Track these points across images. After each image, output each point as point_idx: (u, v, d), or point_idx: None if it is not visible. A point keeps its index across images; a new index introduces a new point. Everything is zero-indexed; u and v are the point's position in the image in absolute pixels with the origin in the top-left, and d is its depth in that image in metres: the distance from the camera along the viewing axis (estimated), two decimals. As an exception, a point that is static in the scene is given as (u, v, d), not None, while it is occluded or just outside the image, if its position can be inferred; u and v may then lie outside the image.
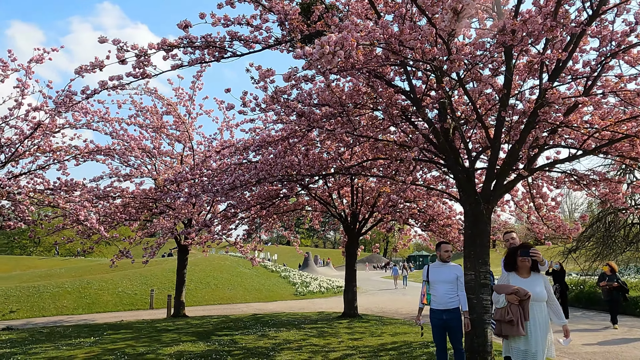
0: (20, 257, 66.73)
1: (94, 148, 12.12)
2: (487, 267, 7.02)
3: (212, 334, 10.71)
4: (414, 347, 8.92)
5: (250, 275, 27.54)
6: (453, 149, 7.37)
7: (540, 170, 7.65)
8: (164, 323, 13.29)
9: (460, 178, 7.24)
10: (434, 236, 15.49)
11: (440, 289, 5.85)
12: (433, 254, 78.28)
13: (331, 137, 8.56)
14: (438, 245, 6.13)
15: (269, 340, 9.70)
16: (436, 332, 5.93)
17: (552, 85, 6.44)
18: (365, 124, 7.68)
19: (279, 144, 9.28)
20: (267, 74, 5.67)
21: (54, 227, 15.27)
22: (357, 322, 12.69)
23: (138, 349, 8.64)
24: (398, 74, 7.85)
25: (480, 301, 6.87)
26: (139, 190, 13.77)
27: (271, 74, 5.68)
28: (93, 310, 19.45)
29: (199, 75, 14.25)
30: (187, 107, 14.60)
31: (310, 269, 47.49)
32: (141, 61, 6.25)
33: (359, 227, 14.00)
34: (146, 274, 24.69)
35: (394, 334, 10.55)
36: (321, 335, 10.31)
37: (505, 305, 4.76)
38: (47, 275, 31.96)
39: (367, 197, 13.73)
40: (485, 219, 7.08)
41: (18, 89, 11.67)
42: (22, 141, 12.11)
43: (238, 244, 14.75)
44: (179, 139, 14.89)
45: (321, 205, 14.25)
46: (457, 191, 7.68)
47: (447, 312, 5.84)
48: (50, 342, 9.66)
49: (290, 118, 8.05)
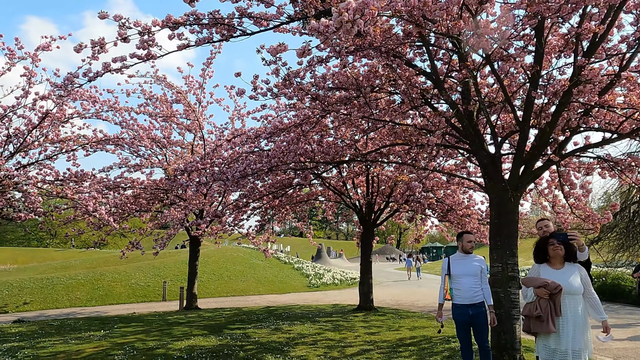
0: (37, 249, 67.76)
1: (102, 137, 11.84)
2: (515, 259, 6.57)
3: (225, 327, 10.43)
4: (434, 342, 8.52)
5: (263, 267, 27.32)
6: (478, 133, 6.90)
7: (571, 155, 7.14)
8: (176, 316, 13.07)
9: (486, 164, 6.77)
10: (452, 227, 15.04)
11: (464, 283, 5.42)
12: (447, 245, 77.61)
13: (346, 123, 8.13)
14: (460, 235, 5.68)
15: (283, 334, 9.38)
16: (461, 328, 5.50)
17: (588, 61, 5.92)
18: (382, 107, 7.23)
19: (291, 131, 8.89)
20: (278, 49, 5.26)
21: (65, 218, 15.12)
22: (373, 315, 12.32)
23: (148, 343, 8.37)
24: (418, 54, 7.38)
25: (507, 295, 6.43)
26: (149, 180, 13.50)
27: (283, 49, 5.26)
28: (106, 302, 19.38)
29: (209, 62, 13.89)
30: (198, 95, 14.26)
31: (323, 261, 47.24)
32: (145, 40, 5.87)
33: (375, 218, 13.58)
34: (159, 265, 24.61)
35: (412, 328, 10.16)
36: (336, 329, 9.96)
37: (534, 300, 4.32)
38: (62, 267, 32.17)
39: (382, 187, 13.28)
40: (513, 207, 6.62)
41: (25, 77, 11.42)
42: (30, 131, 11.89)
43: (250, 235, 14.44)
44: (189, 128, 14.56)
45: (335, 195, 13.85)
46: (482, 178, 7.20)
47: (473, 307, 5.41)
48: (60, 335, 9.46)
49: (304, 103, 7.62)
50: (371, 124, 7.65)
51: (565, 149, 6.97)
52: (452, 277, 5.48)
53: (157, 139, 14.14)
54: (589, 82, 5.66)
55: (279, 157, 7.93)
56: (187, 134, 15.52)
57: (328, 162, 8.10)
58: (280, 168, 8.06)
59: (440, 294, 5.57)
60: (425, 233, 16.49)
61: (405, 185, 8.96)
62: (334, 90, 7.54)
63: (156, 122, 14.57)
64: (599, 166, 8.00)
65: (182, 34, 6.12)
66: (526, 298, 4.42)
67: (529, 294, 4.38)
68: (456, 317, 5.48)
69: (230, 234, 14.80)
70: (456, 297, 5.48)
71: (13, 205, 12.81)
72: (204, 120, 15.15)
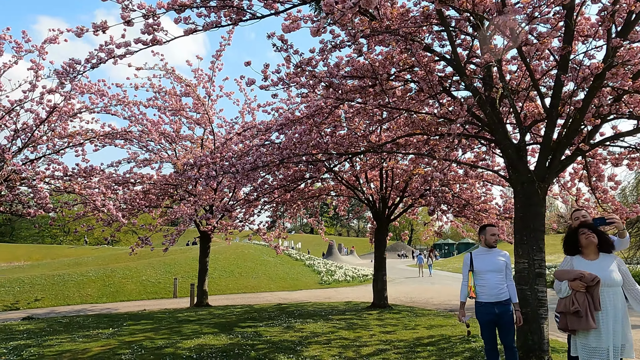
0: (51, 246, 68.49)
1: (109, 131, 11.61)
2: (542, 255, 6.18)
3: (235, 325, 10.16)
4: (453, 341, 8.15)
5: (274, 264, 27.09)
6: (501, 122, 6.51)
7: (600, 144, 6.71)
8: (186, 313, 12.84)
9: (510, 154, 6.38)
10: (468, 222, 14.63)
11: (490, 279, 5.04)
12: (459, 242, 76.81)
13: (361, 113, 7.77)
14: (482, 228, 5.29)
15: (295, 332, 9.08)
16: (486, 328, 5.12)
17: (622, 42, 5.49)
18: (399, 96, 6.85)
19: (303, 123, 8.56)
20: (291, 26, 4.92)
21: (74, 214, 14.98)
22: (388, 313, 11.97)
23: (156, 341, 8.12)
24: (437, 38, 7.00)
25: (534, 293, 6.05)
26: (159, 175, 13.26)
27: (296, 27, 4.92)
28: (117, 299, 19.26)
29: (218, 55, 13.59)
30: (207, 88, 13.98)
31: (334, 258, 46.97)
32: (150, 25, 5.57)
33: (389, 213, 13.21)
34: (170, 262, 24.49)
35: (429, 326, 9.79)
36: (350, 328, 9.64)
37: (570, 294, 3.93)
38: (75, 264, 32.27)
39: (397, 181, 12.89)
40: (540, 199, 6.22)
41: (32, 70, 11.23)
42: (38, 125, 11.71)
43: (261, 232, 14.17)
44: (198, 122, 14.30)
45: (348, 190, 13.50)
46: (505, 170, 6.80)
47: (499, 305, 5.04)
48: (68, 333, 9.26)
49: (316, 92, 7.27)
50: (387, 114, 7.28)
51: (594, 138, 6.54)
52: (475, 273, 5.11)
53: (166, 133, 13.91)
54: (626, 64, 5.24)
55: (290, 149, 7.60)
56: (197, 128, 15.29)
57: (342, 153, 7.74)
58: (292, 160, 7.73)
59: (462, 291, 5.18)
60: (441, 229, 16.09)
61: (421, 178, 8.59)
62: (348, 78, 7.20)
63: (165, 117, 14.35)
64: (628, 157, 7.56)
65: (188, 17, 5.82)
66: (560, 293, 4.04)
67: (563, 288, 4.00)
68: (480, 316, 5.10)
69: (241, 230, 14.54)
70: (480, 294, 5.10)
71: (22, 201, 12.68)
72: (214, 114, 14.89)
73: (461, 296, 5.16)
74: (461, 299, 5.16)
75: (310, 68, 7.08)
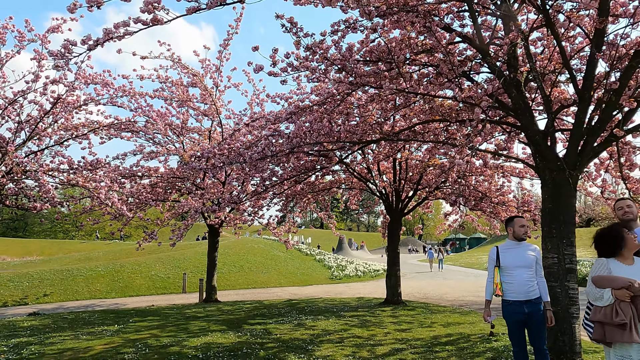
0: (63, 241, 69.07)
1: (113, 121, 11.29)
2: (572, 249, 5.71)
3: (244, 322, 9.82)
4: (472, 340, 7.71)
5: (284, 259, 26.78)
6: (527, 106, 6.03)
7: (637, 130, 6.20)
8: (194, 309, 12.54)
9: (538, 141, 5.90)
10: (484, 216, 14.14)
11: (518, 276, 4.60)
12: (470, 236, 75.93)
13: (375, 100, 7.32)
14: (509, 220, 4.83)
15: (306, 330, 8.70)
16: (515, 329, 4.68)
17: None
18: (416, 80, 6.40)
19: (314, 111, 8.14)
20: None
21: (81, 208, 14.75)
22: (402, 309, 11.55)
23: (162, 339, 7.79)
24: (457, 18, 6.53)
25: (565, 290, 5.59)
26: (166, 168, 12.94)
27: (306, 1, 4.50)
28: (126, 294, 19.07)
29: (226, 44, 13.21)
30: (215, 79, 13.60)
31: (344, 252, 46.56)
32: (150, 2, 5.18)
33: (402, 207, 12.76)
34: (179, 257, 24.28)
35: (446, 324, 9.36)
36: (364, 325, 9.24)
37: (613, 303, 3.49)
38: (85, 259, 32.29)
39: (410, 173, 12.42)
40: (571, 188, 5.74)
41: (35, 60, 10.93)
42: (42, 117, 11.43)
43: (271, 226, 13.82)
44: (206, 114, 13.93)
45: (360, 182, 13.08)
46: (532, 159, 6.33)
47: (529, 304, 4.59)
48: (72, 330, 8.98)
49: (328, 77, 6.84)
50: (402, 100, 6.83)
51: (631, 121, 6.05)
52: (502, 269, 4.66)
53: (173, 125, 13.57)
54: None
55: (301, 137, 7.20)
56: (205, 120, 14.95)
57: (355, 142, 7.31)
58: (302, 150, 7.32)
59: (487, 288, 4.72)
60: (455, 223, 15.60)
61: (439, 169, 8.15)
62: (362, 63, 6.75)
63: (172, 109, 14.02)
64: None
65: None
66: (601, 301, 3.58)
67: (606, 296, 3.54)
68: (509, 316, 4.65)
69: (250, 224, 14.21)
70: (508, 292, 4.65)
71: (28, 195, 12.45)
72: (222, 106, 14.52)
73: (486, 294, 4.72)
74: (486, 297, 4.72)
75: (322, 52, 6.67)
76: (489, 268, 4.71)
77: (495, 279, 4.70)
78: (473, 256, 44.86)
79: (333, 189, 14.20)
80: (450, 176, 9.68)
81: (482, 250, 51.75)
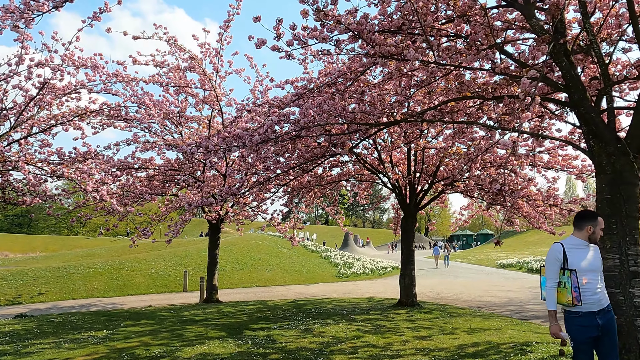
0: (67, 237, 68.74)
1: (101, 106, 10.37)
2: (637, 248, 4.75)
3: (246, 327, 8.93)
4: (504, 351, 6.78)
5: (289, 256, 25.90)
6: (579, 78, 5.06)
7: None
8: (193, 310, 11.67)
9: (594, 119, 4.94)
10: (503, 210, 13.20)
11: (591, 282, 3.66)
12: (478, 233, 74.76)
13: (395, 77, 6.35)
14: (591, 216, 3.76)
15: (315, 338, 7.79)
16: (586, 348, 3.70)
17: None
18: (444, 50, 5.44)
19: (323, 92, 7.20)
20: None
21: (75, 203, 13.90)
22: (418, 312, 10.62)
23: (152, 349, 6.90)
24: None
25: (629, 298, 4.64)
26: (162, 158, 12.03)
27: None
28: (124, 293, 18.26)
29: (226, 26, 12.26)
30: (214, 63, 12.65)
31: (350, 249, 45.62)
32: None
33: (418, 201, 11.79)
34: (181, 254, 23.47)
35: (470, 330, 8.42)
36: (378, 331, 8.32)
37: None
38: (88, 255, 31.58)
39: (426, 165, 11.45)
40: (635, 175, 4.79)
41: (19, 41, 10.03)
42: (27, 103, 10.55)
43: (275, 221, 12.91)
44: (205, 101, 13.00)
45: (371, 175, 12.13)
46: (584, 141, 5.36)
47: (602, 315, 3.66)
48: (55, 335, 8.12)
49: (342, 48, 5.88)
50: (428, 74, 5.86)
51: None
52: (571, 272, 3.69)
53: (170, 114, 12.66)
54: None
55: (309, 119, 6.27)
56: (205, 109, 14.03)
57: (372, 124, 6.36)
58: (311, 133, 6.40)
59: (549, 296, 3.75)
60: (471, 218, 14.64)
61: (465, 156, 7.20)
62: (380, 33, 5.80)
63: (170, 96, 13.10)
64: None
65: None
66: None
67: None
68: (578, 332, 3.67)
69: (253, 219, 13.31)
70: (580, 302, 3.70)
71: (16, 188, 11.60)
72: (224, 94, 13.59)
73: (549, 303, 3.74)
74: (550, 307, 3.74)
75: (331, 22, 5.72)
76: (551, 269, 3.74)
77: (575, 283, 3.68)
78: (481, 253, 43.85)
79: (342, 182, 13.26)
80: (474, 166, 8.71)
81: (490, 247, 50.66)
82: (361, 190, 14.44)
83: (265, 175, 8.17)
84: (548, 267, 3.77)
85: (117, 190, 12.49)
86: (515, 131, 4.60)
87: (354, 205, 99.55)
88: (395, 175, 11.35)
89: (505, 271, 26.61)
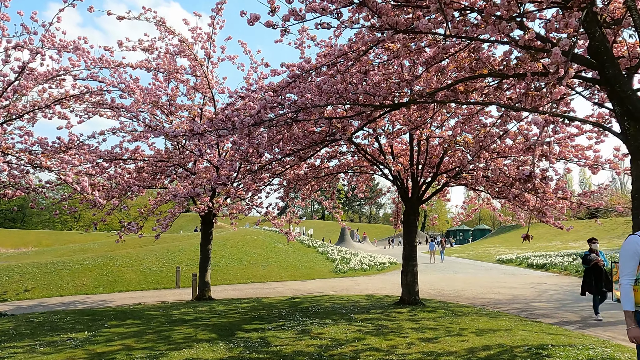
0: (61, 232, 67.99)
1: (82, 89, 9.70)
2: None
3: (238, 328, 8.34)
4: (518, 355, 6.24)
5: (285, 251, 25.32)
6: (612, 54, 4.47)
7: None
8: (183, 309, 11.07)
9: (630, 97, 4.35)
10: (507, 204, 12.69)
11: None
12: (474, 228, 74.39)
13: (402, 55, 5.74)
14: None
15: (312, 340, 7.21)
16: None
17: None
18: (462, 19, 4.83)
19: (322, 74, 6.59)
20: None
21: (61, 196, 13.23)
22: (421, 311, 10.06)
23: (135, 353, 6.30)
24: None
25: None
26: (151, 148, 11.37)
27: None
28: (114, 289, 17.62)
29: (218, 8, 11.59)
30: (206, 48, 11.99)
31: (347, 244, 45.09)
32: None
33: (421, 194, 11.21)
34: (174, 249, 22.83)
35: (479, 331, 7.87)
36: (380, 333, 7.75)
37: None
38: (80, 250, 30.88)
39: (430, 156, 10.87)
40: (678, 162, 4.21)
41: (-6, 22, 9.36)
42: (5, 89, 9.87)
43: (270, 215, 12.30)
44: (197, 88, 12.35)
45: (371, 166, 11.53)
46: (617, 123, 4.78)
47: None
48: (32, 338, 7.50)
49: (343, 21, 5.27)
50: (439, 50, 5.25)
51: None
52: None
53: (159, 102, 12.00)
54: None
55: (308, 101, 5.66)
56: (196, 98, 13.37)
57: (378, 105, 5.75)
58: (309, 117, 5.79)
59: (626, 295, 3.15)
60: (474, 211, 14.11)
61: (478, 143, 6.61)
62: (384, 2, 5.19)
63: (159, 83, 12.43)
64: None
65: None
66: None
67: None
68: None
69: (247, 213, 12.70)
70: None
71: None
72: (217, 83, 12.93)
73: (625, 303, 3.16)
74: (627, 307, 3.15)
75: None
76: (627, 265, 3.16)
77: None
78: (479, 248, 43.44)
79: (339, 175, 12.67)
80: (483, 155, 8.13)
81: (488, 242, 50.27)
82: (360, 183, 13.85)
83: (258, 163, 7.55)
84: (625, 262, 3.19)
85: (105, 183, 11.85)
86: (544, 113, 4.01)
87: (350, 201, 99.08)
88: (397, 167, 10.76)
89: (504, 267, 26.16)
